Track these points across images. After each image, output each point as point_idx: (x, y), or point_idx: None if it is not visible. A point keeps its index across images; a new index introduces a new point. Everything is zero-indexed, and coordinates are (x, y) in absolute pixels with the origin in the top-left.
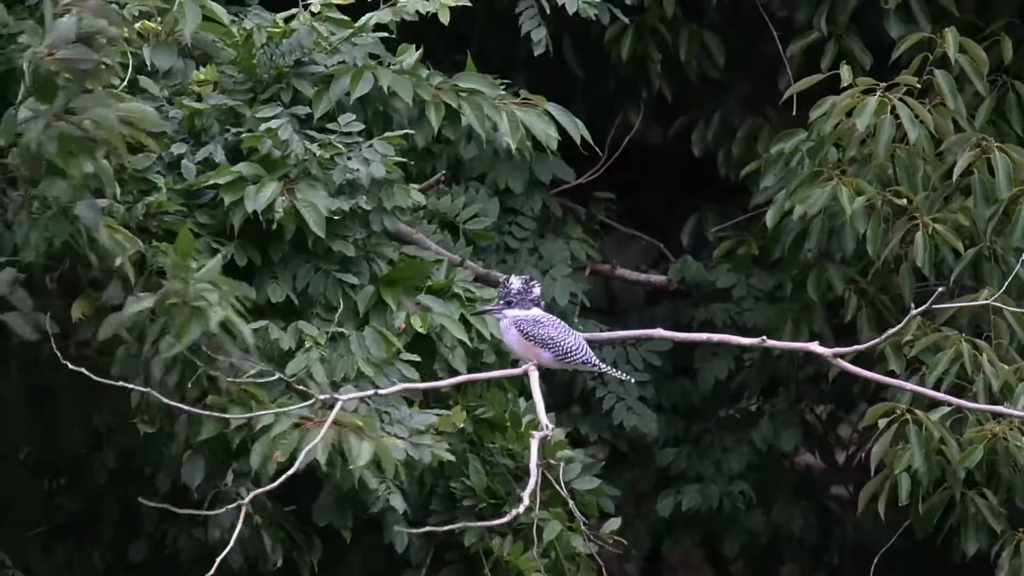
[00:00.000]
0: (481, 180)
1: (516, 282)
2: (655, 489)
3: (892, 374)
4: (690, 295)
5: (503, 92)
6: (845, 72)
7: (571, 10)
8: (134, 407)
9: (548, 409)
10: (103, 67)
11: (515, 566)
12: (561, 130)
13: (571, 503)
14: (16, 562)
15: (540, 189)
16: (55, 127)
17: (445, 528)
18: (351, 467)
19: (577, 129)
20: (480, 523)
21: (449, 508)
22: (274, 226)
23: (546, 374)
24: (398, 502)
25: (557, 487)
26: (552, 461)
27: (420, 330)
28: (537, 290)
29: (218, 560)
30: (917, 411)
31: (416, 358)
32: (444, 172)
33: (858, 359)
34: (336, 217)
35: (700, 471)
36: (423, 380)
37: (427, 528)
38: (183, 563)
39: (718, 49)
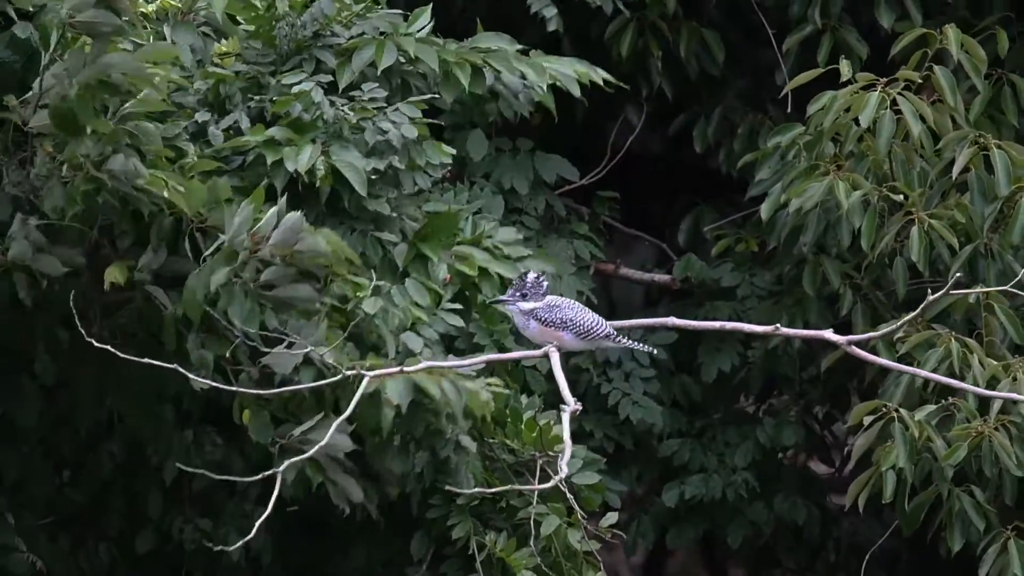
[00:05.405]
0: (486, 179)
1: (531, 275)
2: (659, 481)
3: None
4: (692, 294)
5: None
6: (845, 67)
7: None
8: (194, 361)
9: (551, 406)
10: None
11: (508, 564)
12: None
13: (571, 498)
14: (27, 548)
15: (544, 189)
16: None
17: (495, 490)
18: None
19: (599, 77)
20: (523, 486)
21: (446, 503)
22: (317, 184)
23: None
24: (468, 442)
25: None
26: (551, 453)
27: (470, 273)
28: (546, 284)
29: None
30: (902, 410)
31: (459, 306)
32: (448, 169)
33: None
34: (373, 177)
35: (704, 463)
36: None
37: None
38: (188, 554)
39: (718, 46)
